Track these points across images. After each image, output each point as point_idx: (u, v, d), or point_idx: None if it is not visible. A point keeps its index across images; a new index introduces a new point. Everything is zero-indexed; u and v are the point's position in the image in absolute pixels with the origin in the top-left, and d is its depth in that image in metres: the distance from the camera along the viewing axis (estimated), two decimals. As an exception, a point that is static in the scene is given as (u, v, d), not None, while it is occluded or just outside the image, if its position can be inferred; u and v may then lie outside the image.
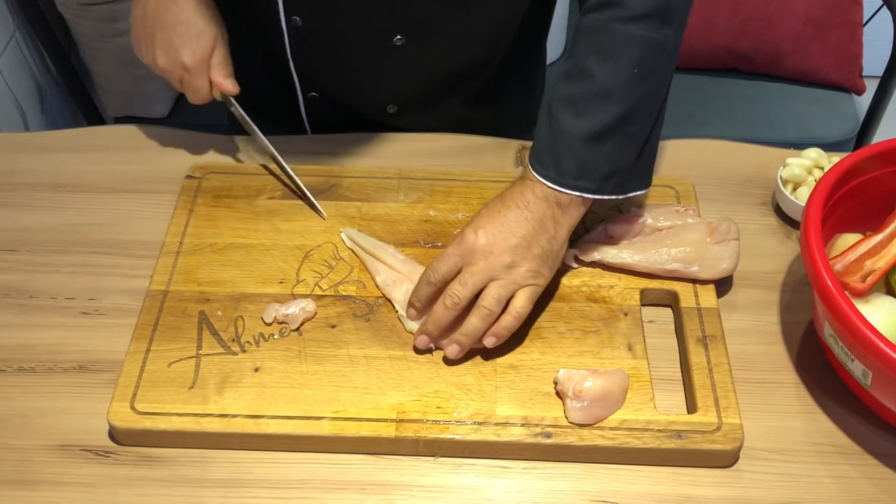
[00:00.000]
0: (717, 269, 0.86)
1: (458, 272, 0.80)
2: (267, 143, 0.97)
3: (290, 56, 1.00)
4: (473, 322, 0.78)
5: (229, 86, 0.94)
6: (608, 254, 0.88)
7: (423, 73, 1.03)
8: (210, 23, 0.92)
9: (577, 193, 0.79)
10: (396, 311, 0.85)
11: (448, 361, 0.81)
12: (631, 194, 0.83)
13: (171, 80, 0.94)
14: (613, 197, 0.81)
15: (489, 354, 0.81)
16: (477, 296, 0.79)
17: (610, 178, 0.80)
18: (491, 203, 0.82)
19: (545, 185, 0.79)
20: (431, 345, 0.81)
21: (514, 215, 0.79)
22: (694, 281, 0.87)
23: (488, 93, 1.10)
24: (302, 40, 0.98)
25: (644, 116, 0.80)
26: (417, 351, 0.82)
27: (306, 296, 0.86)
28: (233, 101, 0.96)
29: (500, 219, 0.80)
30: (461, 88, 1.07)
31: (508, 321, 0.79)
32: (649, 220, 0.89)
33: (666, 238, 0.88)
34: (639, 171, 0.83)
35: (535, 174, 0.80)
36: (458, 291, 0.79)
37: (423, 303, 0.82)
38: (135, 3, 0.93)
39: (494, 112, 1.13)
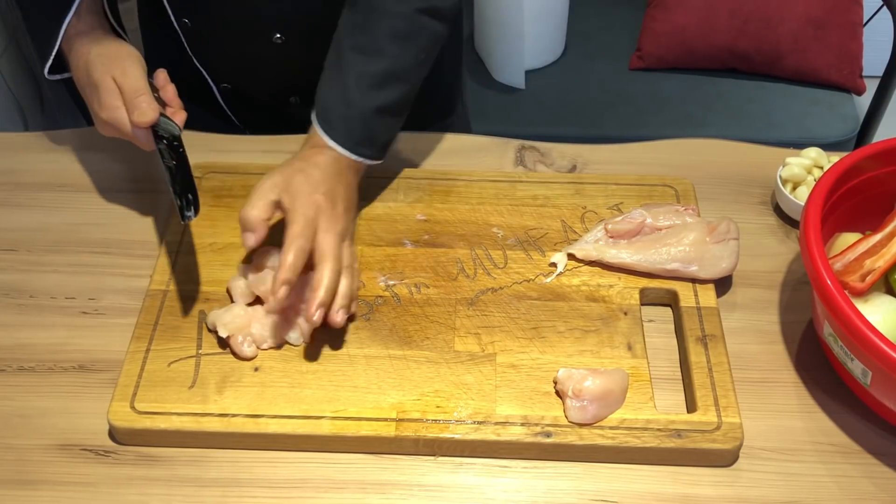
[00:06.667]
0: (716, 269, 0.86)
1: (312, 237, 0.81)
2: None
3: (191, 53, 1.07)
4: (347, 283, 0.81)
5: (149, 115, 0.85)
6: (608, 253, 0.88)
7: (310, 65, 1.01)
8: (102, 69, 0.85)
9: (361, 159, 0.89)
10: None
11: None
12: (382, 160, 0.92)
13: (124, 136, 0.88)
14: (379, 162, 0.91)
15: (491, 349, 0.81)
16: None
17: (385, 147, 0.92)
18: (299, 167, 0.85)
19: (336, 150, 0.87)
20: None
21: (326, 179, 0.85)
22: (693, 280, 0.87)
23: None
24: (196, 39, 1.05)
25: (413, 96, 0.92)
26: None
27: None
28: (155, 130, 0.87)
29: (322, 182, 0.84)
30: None
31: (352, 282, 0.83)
32: (649, 220, 0.89)
33: (665, 238, 0.88)
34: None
35: (327, 138, 0.87)
36: (338, 256, 0.81)
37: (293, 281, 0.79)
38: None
39: None
